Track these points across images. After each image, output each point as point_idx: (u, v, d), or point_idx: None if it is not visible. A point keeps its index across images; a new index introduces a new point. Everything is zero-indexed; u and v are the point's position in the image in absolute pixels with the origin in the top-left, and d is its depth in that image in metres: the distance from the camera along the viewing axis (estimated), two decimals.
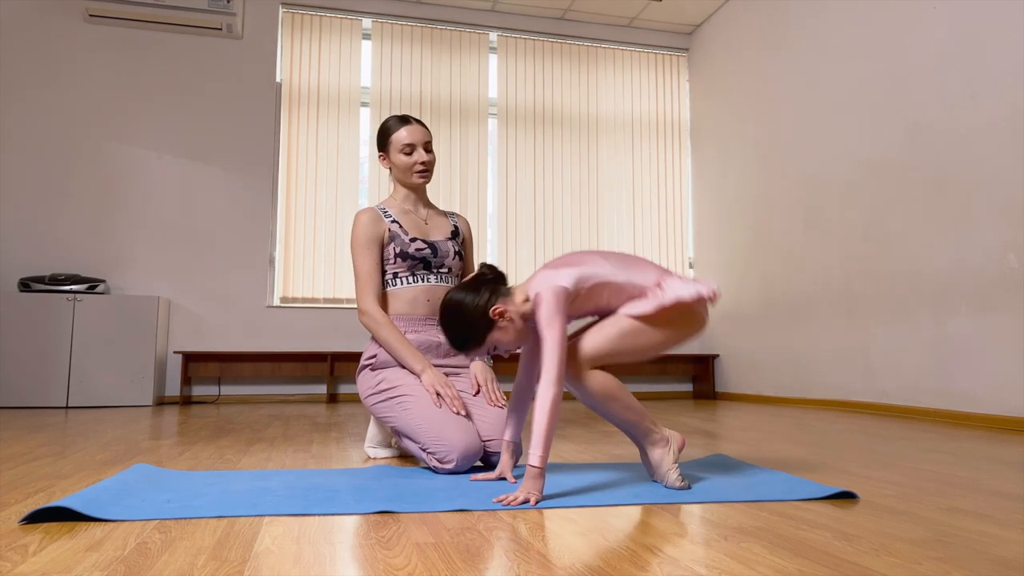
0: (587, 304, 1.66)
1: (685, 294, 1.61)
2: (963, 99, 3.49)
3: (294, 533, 1.26)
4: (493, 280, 1.66)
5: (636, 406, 1.64)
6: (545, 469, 1.52)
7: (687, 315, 1.66)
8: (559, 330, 1.55)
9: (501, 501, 1.48)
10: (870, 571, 1.03)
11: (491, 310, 1.60)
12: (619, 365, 1.64)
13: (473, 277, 1.69)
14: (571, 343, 1.61)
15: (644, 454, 1.70)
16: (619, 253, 1.74)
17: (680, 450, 1.68)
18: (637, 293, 1.66)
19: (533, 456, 1.51)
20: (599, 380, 1.60)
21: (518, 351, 1.76)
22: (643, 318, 1.63)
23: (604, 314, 1.69)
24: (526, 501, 1.47)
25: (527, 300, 1.64)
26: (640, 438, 1.67)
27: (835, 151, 4.36)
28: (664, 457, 1.65)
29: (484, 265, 1.69)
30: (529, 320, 1.65)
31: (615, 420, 1.65)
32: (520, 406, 1.79)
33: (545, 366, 1.53)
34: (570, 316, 1.63)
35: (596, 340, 1.62)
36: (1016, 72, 3.22)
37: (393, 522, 1.34)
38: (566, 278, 1.62)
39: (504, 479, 1.76)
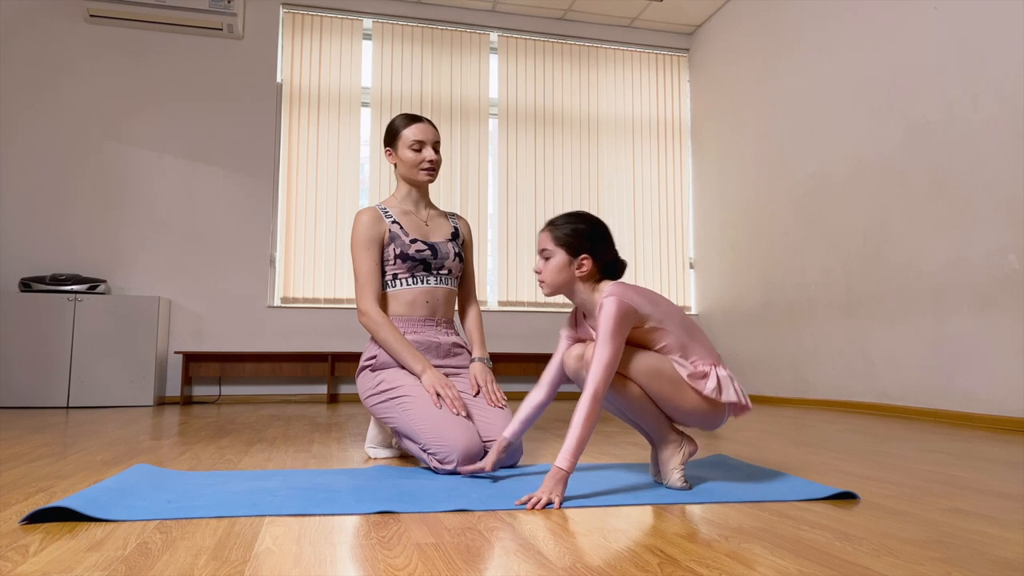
0: (638, 340, 1.67)
1: (731, 395, 1.64)
2: (963, 99, 3.49)
3: (294, 533, 1.26)
4: (613, 261, 1.72)
5: (657, 410, 1.68)
6: (570, 476, 1.54)
7: (712, 408, 1.66)
8: (613, 351, 1.55)
9: (524, 504, 1.48)
10: (870, 571, 1.03)
11: (582, 255, 1.68)
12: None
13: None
14: (626, 356, 1.62)
15: (654, 453, 1.74)
16: (689, 318, 1.74)
17: (690, 455, 1.70)
18: (688, 361, 1.66)
19: (563, 459, 1.52)
20: (636, 389, 1.64)
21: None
22: (692, 383, 1.64)
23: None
24: (550, 503, 1.47)
25: (597, 290, 1.69)
26: (656, 438, 1.71)
27: (835, 151, 4.36)
28: (672, 457, 1.68)
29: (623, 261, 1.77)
30: (576, 296, 1.72)
31: (641, 422, 1.69)
32: (529, 417, 1.80)
33: (591, 380, 1.54)
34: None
35: (649, 365, 1.63)
36: (1016, 72, 3.22)
37: (393, 522, 1.34)
38: (644, 305, 1.63)
39: (483, 470, 1.78)
